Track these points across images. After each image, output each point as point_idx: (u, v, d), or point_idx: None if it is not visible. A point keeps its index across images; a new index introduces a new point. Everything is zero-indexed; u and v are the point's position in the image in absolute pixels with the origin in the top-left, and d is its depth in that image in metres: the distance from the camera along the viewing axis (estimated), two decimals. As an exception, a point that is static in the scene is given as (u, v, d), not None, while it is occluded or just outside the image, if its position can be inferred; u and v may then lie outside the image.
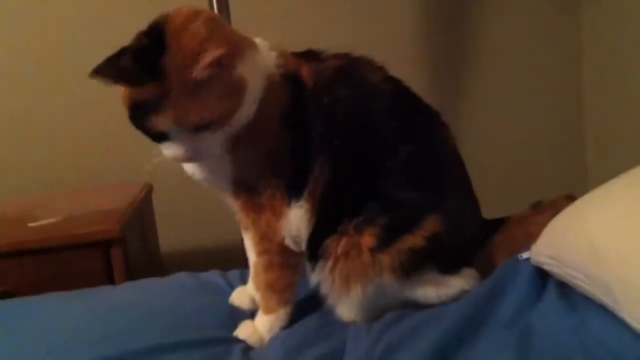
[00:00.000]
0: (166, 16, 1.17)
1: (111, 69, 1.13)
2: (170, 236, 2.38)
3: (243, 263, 1.51)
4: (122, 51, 1.14)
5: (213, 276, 1.60)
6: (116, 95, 1.17)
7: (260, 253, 1.32)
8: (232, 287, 1.51)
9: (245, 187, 1.27)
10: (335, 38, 1.34)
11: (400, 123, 1.29)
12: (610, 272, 1.01)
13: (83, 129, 2.39)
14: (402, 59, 2.35)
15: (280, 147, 1.24)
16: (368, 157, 1.26)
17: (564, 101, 2.58)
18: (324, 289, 1.30)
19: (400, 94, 1.32)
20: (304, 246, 1.30)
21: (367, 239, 1.23)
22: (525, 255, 1.26)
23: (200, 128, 1.15)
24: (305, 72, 1.28)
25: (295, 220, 1.27)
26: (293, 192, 1.26)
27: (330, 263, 1.26)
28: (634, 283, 0.96)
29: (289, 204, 1.26)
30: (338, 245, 1.25)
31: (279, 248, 1.29)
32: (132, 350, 1.21)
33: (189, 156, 1.19)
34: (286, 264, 1.31)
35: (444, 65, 2.55)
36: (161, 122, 1.13)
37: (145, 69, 1.12)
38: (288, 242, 1.29)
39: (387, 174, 1.25)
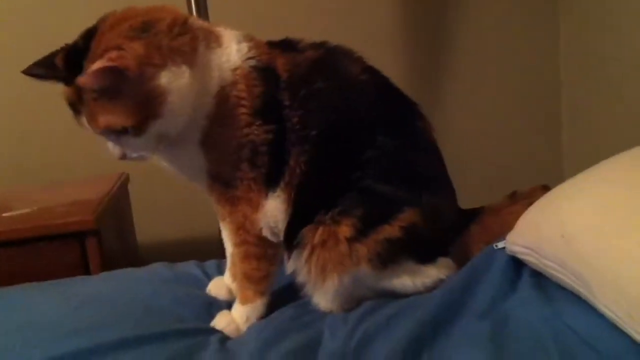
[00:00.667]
0: (105, 16, 1.18)
1: (41, 67, 1.16)
2: (147, 227, 2.36)
3: (220, 254, 1.51)
4: (60, 50, 1.17)
5: (189, 267, 1.60)
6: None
7: (237, 244, 1.31)
8: (209, 278, 1.51)
9: (221, 180, 1.27)
10: (313, 30, 1.34)
11: (378, 115, 1.29)
12: (584, 261, 1.02)
13: (57, 120, 2.36)
14: (380, 48, 2.37)
15: (255, 139, 1.24)
16: (345, 149, 1.26)
17: (541, 94, 2.60)
18: (301, 278, 1.30)
19: (378, 86, 1.32)
20: (281, 236, 1.30)
21: (344, 229, 1.23)
22: (500, 244, 1.26)
23: (116, 132, 1.15)
24: (280, 63, 1.27)
25: (272, 211, 1.27)
26: (270, 183, 1.26)
27: (306, 252, 1.26)
28: (607, 272, 0.97)
29: (265, 196, 1.26)
30: (315, 234, 1.25)
31: (256, 239, 1.29)
32: (107, 341, 1.20)
33: (119, 154, 1.21)
34: (263, 254, 1.31)
35: (423, 56, 2.56)
36: (81, 122, 1.17)
37: (71, 69, 1.13)
38: (266, 233, 1.29)
39: (365, 166, 1.26)
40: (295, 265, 1.29)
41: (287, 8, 2.40)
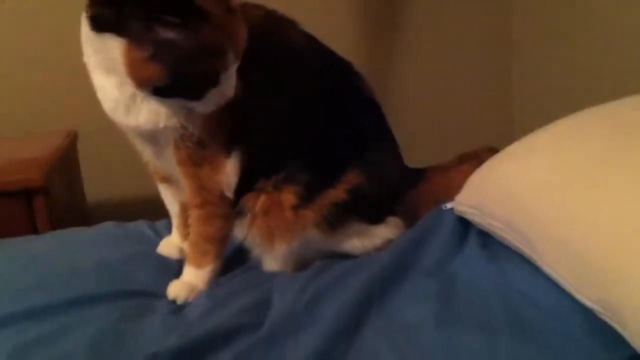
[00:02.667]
0: None
1: None
2: (97, 186, 2.33)
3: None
4: None
5: (140, 226, 1.58)
6: (38, 36, 1.13)
7: (198, 205, 1.29)
8: (159, 237, 1.50)
9: (192, 140, 1.22)
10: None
11: (316, 79, 1.29)
12: (529, 221, 1.05)
13: (4, 74, 2.30)
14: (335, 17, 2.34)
15: None
16: (286, 111, 1.26)
17: (492, 57, 2.61)
18: (247, 244, 1.31)
19: (315, 49, 1.32)
20: None
21: (288, 197, 1.24)
22: (449, 205, 1.29)
23: None
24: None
25: (232, 172, 1.25)
26: (231, 144, 1.24)
27: (248, 219, 1.26)
28: (551, 231, 1.00)
29: (227, 157, 1.25)
30: (256, 202, 1.25)
31: (218, 199, 1.27)
32: (54, 301, 1.19)
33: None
34: (225, 214, 1.29)
35: (378, 25, 2.53)
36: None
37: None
38: (227, 192, 1.27)
39: (303, 130, 1.26)
40: (241, 232, 1.29)
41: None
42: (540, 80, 2.42)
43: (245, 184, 1.26)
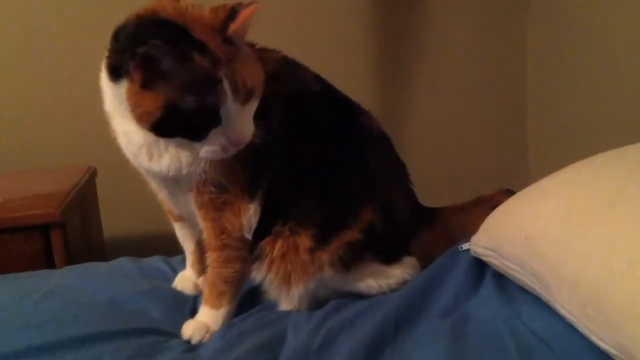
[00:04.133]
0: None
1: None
2: (114, 222, 2.35)
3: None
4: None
5: (155, 261, 1.59)
6: (60, 74, 1.15)
7: (218, 248, 1.28)
8: (175, 272, 1.50)
9: (215, 185, 1.23)
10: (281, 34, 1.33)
11: (327, 123, 1.30)
12: (544, 262, 1.04)
13: (26, 107, 2.33)
14: (348, 49, 2.37)
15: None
16: (301, 156, 1.27)
17: (508, 99, 2.62)
18: (264, 286, 1.31)
19: (327, 92, 1.33)
20: None
21: (304, 240, 1.24)
22: (465, 246, 1.29)
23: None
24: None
25: (253, 215, 1.26)
26: (252, 189, 1.25)
27: (266, 264, 1.27)
28: (565, 272, 0.99)
29: (250, 200, 1.25)
30: (274, 247, 1.26)
31: (238, 242, 1.28)
32: (67, 337, 1.18)
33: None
34: (244, 257, 1.29)
35: (390, 55, 2.55)
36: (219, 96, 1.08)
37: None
38: (248, 235, 1.27)
39: (316, 174, 1.26)
40: (258, 275, 1.30)
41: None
42: (556, 119, 2.42)
43: (263, 227, 1.26)
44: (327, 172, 1.27)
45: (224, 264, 1.29)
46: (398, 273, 1.31)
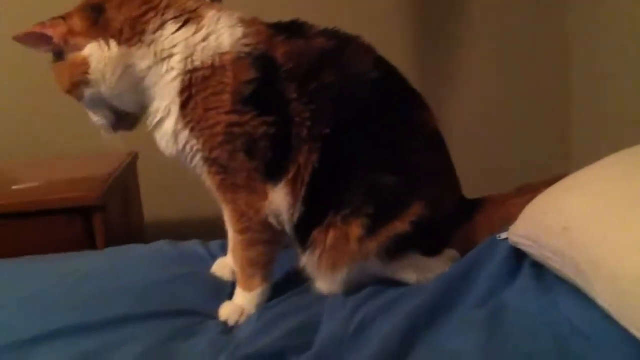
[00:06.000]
0: None
1: None
2: (155, 206, 2.38)
3: (224, 234, 1.52)
4: None
5: (194, 246, 1.61)
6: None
7: (240, 231, 1.31)
8: (213, 258, 1.51)
9: (218, 166, 1.26)
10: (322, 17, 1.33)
11: (384, 111, 1.28)
12: (583, 253, 1.02)
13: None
14: (388, 36, 2.35)
15: (252, 132, 1.23)
16: (355, 147, 1.26)
17: (551, 88, 2.58)
18: (309, 272, 1.31)
19: (386, 81, 1.30)
20: (288, 230, 1.29)
21: (355, 230, 1.24)
22: (503, 235, 1.27)
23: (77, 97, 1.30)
24: (282, 52, 1.25)
25: (276, 203, 1.26)
26: (272, 175, 1.25)
27: (317, 253, 1.27)
28: (604, 264, 0.97)
29: (270, 185, 1.26)
30: (326, 237, 1.25)
31: (260, 226, 1.28)
32: (106, 317, 1.21)
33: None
34: (268, 240, 1.30)
35: (432, 50, 2.54)
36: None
37: None
38: (272, 220, 1.28)
39: (372, 163, 1.25)
40: (308, 264, 1.30)
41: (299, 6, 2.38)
42: (600, 110, 2.38)
43: (316, 217, 1.26)
44: (382, 162, 1.26)
45: (248, 247, 1.31)
46: (438, 265, 1.30)
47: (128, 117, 1.34)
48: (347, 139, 1.25)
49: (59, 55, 1.28)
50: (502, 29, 2.53)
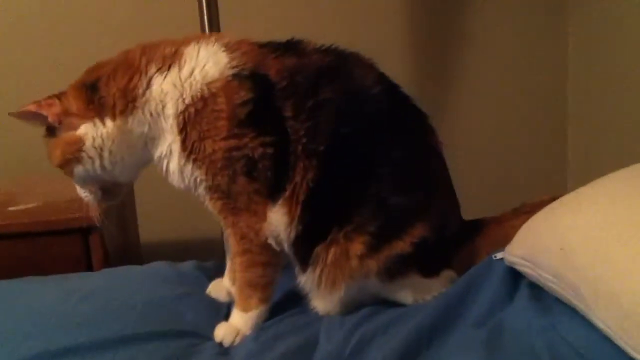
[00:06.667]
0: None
1: None
2: (151, 226, 2.37)
3: (221, 255, 1.52)
4: None
5: (190, 266, 1.61)
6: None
7: (240, 253, 1.31)
8: (208, 278, 1.52)
9: (220, 193, 1.27)
10: (322, 32, 1.33)
11: (389, 129, 1.28)
12: (580, 274, 1.03)
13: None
14: (389, 52, 2.37)
15: (250, 154, 1.23)
16: (357, 164, 1.26)
17: (548, 106, 2.59)
18: (307, 289, 1.31)
19: (389, 98, 1.30)
20: (286, 248, 1.30)
21: (356, 246, 1.24)
22: (499, 255, 1.27)
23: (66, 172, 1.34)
24: (275, 69, 1.25)
25: (275, 223, 1.27)
26: (271, 195, 1.26)
27: (318, 270, 1.27)
28: (602, 285, 0.98)
29: (269, 206, 1.26)
30: (328, 254, 1.25)
31: (260, 248, 1.29)
32: (104, 338, 1.21)
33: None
34: (267, 262, 1.31)
35: (430, 63, 2.55)
36: None
37: None
38: (271, 241, 1.29)
39: (377, 180, 1.25)
40: (307, 281, 1.30)
41: (297, 11, 2.40)
42: (596, 127, 2.39)
43: (319, 234, 1.26)
44: (386, 180, 1.25)
45: (247, 268, 1.31)
46: (436, 286, 1.30)
47: (116, 190, 1.39)
48: (350, 155, 1.25)
49: (52, 132, 1.29)
50: (501, 33, 2.54)
